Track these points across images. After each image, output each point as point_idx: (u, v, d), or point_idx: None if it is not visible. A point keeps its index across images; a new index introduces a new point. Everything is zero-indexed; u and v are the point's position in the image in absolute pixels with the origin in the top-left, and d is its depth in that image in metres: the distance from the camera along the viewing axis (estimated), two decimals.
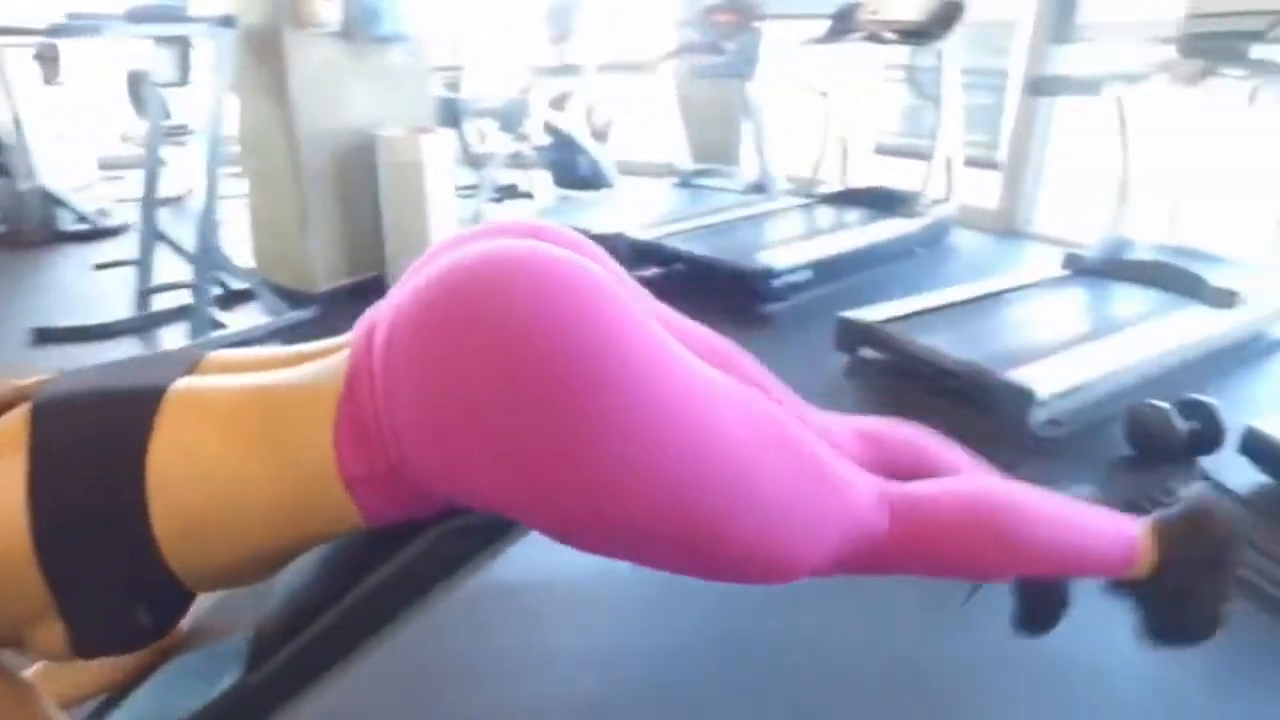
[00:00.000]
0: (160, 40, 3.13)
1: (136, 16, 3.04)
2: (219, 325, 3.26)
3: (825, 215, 4.19)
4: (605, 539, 0.75)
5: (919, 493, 0.93)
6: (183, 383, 0.76)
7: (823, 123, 4.40)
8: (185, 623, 0.91)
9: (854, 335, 2.73)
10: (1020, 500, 0.97)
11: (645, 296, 0.95)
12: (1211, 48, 2.72)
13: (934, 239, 4.00)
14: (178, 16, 3.13)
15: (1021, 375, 2.23)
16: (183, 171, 4.70)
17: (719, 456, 0.73)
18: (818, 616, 1.58)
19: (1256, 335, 2.84)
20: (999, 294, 2.94)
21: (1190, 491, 1.10)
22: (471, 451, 0.68)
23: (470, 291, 0.69)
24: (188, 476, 0.71)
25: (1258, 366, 2.77)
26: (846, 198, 4.31)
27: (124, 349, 3.14)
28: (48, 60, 2.97)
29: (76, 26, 2.89)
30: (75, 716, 0.87)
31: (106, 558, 0.70)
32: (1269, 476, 1.97)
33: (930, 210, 3.93)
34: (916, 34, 3.74)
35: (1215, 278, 2.82)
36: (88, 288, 3.95)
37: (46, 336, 3.26)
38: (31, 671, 0.85)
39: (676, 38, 4.80)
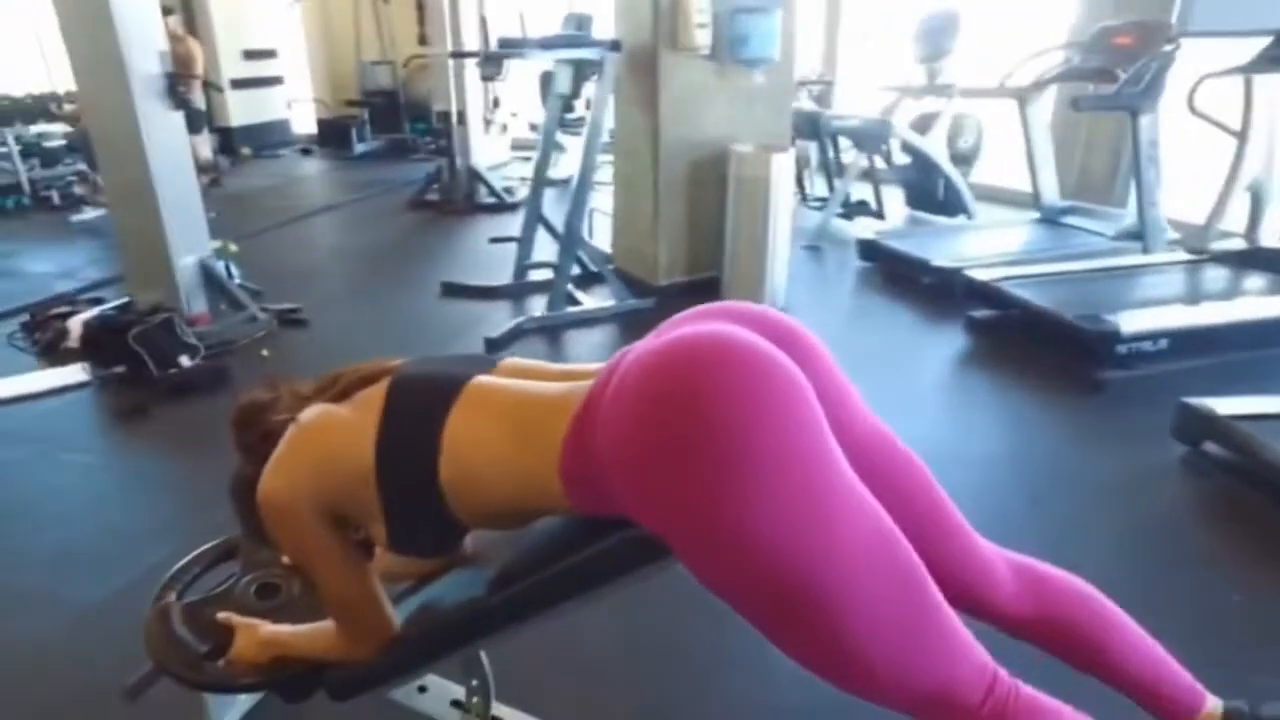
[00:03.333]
0: (563, 60, 3.79)
1: (548, 43, 3.79)
2: (574, 301, 3.81)
3: (1214, 277, 3.61)
4: (726, 581, 0.87)
5: (1033, 700, 0.91)
6: (480, 379, 1.05)
7: (1231, 166, 3.77)
8: (469, 546, 1.21)
9: (1196, 425, 2.38)
10: None
11: (839, 388, 1.00)
12: None
13: None
14: (579, 42, 3.73)
15: None
16: (576, 158, 5.48)
17: (826, 564, 0.82)
18: None
19: None
20: None
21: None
22: (649, 489, 0.86)
23: (678, 371, 0.85)
24: (466, 444, 0.98)
25: None
26: (1249, 259, 3.65)
27: (501, 308, 3.84)
28: (489, 66, 3.97)
29: (503, 51, 3.79)
30: (388, 590, 1.19)
31: (411, 490, 1.00)
32: None
33: None
34: None
35: None
36: (486, 254, 4.81)
37: (450, 291, 4.12)
38: (376, 553, 1.19)
39: (1058, 62, 4.42)
